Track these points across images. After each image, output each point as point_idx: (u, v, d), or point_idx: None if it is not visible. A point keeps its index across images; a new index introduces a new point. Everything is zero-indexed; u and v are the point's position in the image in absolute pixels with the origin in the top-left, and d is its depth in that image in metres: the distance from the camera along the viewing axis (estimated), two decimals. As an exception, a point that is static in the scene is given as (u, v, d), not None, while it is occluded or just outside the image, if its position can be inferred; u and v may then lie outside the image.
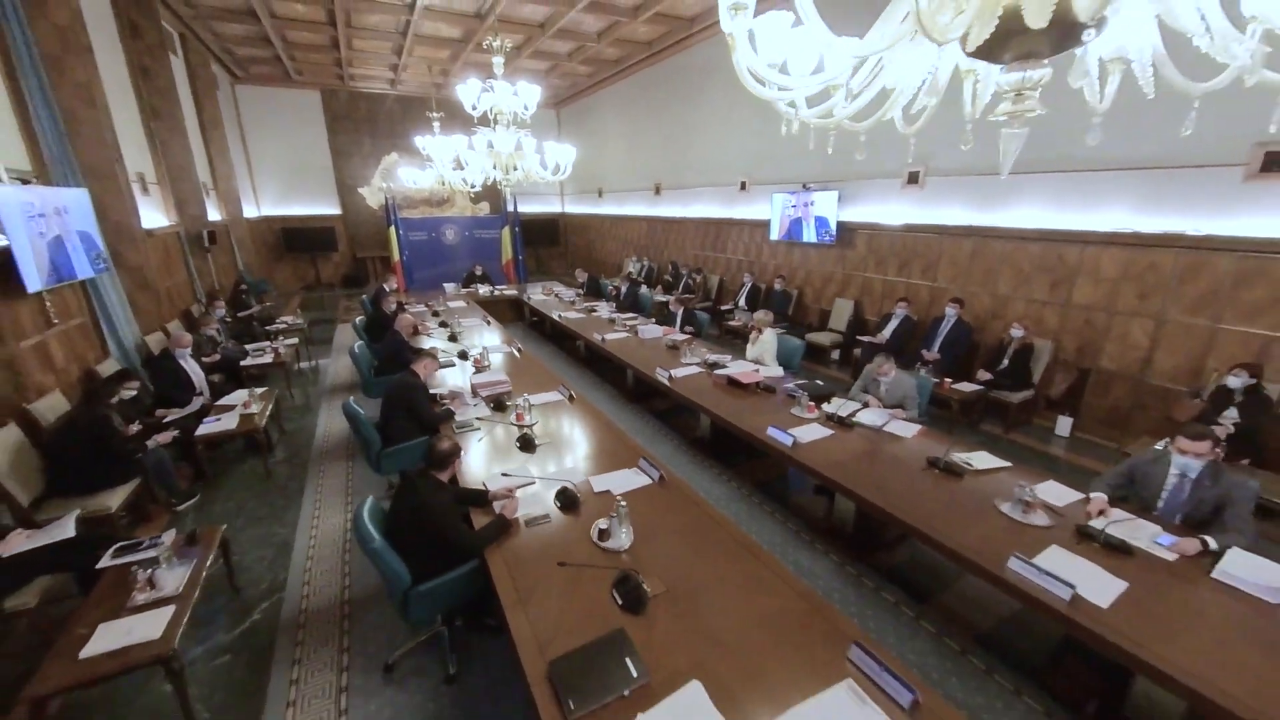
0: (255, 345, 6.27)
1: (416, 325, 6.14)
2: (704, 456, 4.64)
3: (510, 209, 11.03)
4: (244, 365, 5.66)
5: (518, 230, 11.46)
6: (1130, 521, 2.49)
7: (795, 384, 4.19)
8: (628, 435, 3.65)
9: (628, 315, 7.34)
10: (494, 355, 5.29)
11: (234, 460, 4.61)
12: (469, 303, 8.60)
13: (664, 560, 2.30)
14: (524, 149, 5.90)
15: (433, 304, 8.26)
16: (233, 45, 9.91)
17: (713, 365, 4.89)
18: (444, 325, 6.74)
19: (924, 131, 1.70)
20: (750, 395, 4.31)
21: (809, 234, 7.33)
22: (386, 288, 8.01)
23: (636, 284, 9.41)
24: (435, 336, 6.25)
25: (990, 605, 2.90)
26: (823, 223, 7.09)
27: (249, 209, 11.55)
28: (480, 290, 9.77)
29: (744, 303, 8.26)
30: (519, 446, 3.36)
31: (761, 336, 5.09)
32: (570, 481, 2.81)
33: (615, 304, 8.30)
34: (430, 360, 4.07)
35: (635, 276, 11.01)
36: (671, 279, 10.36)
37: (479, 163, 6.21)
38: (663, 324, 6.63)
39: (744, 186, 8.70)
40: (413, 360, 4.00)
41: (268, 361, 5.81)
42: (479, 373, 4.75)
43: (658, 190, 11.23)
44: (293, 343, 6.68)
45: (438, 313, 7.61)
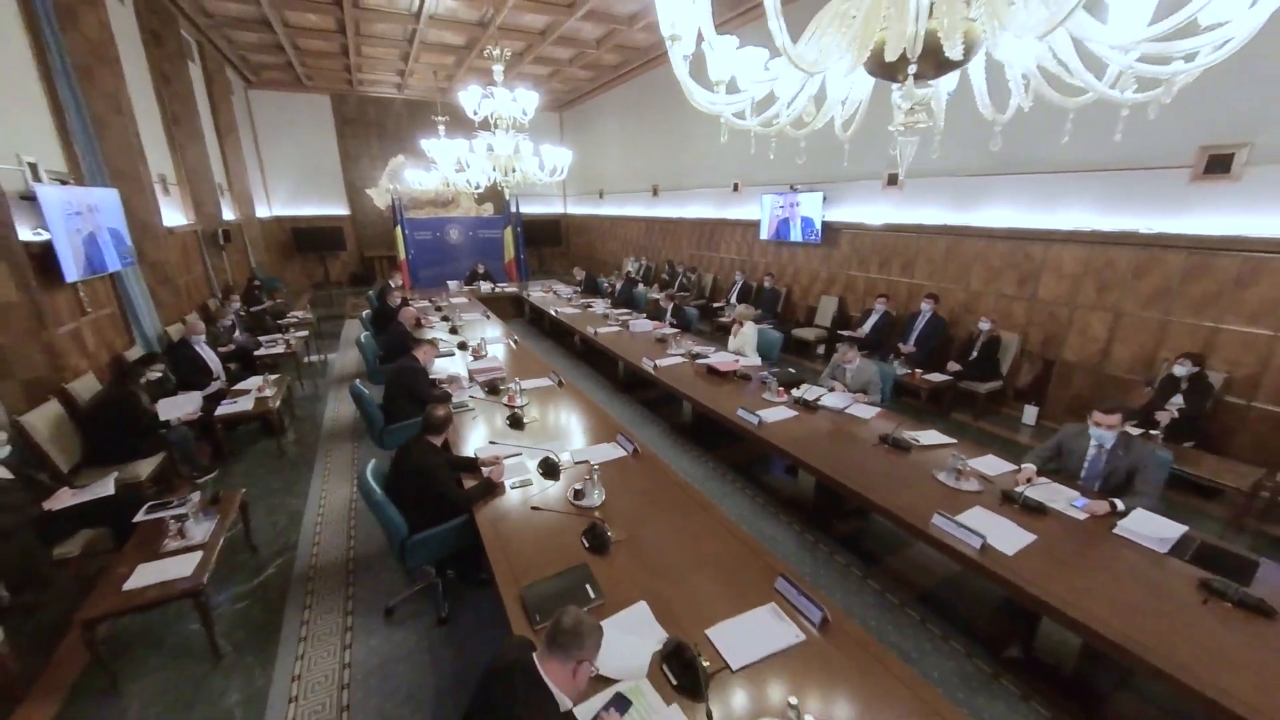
0: (268, 337, 6.64)
1: (419, 318, 6.49)
2: (686, 440, 4.95)
3: (512, 210, 11.41)
4: (258, 355, 6.02)
5: (519, 230, 11.83)
6: (1050, 487, 2.78)
7: (768, 372, 4.49)
8: (609, 415, 3.96)
9: (621, 311, 7.66)
10: (491, 346, 5.62)
11: (249, 441, 4.97)
12: (471, 299, 8.95)
13: (629, 515, 2.61)
14: (522, 152, 6.24)
15: (436, 300, 8.61)
16: (247, 52, 10.33)
17: (695, 356, 5.19)
18: (446, 319, 7.08)
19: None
20: (728, 382, 4.61)
21: (796, 234, 7.62)
22: (392, 284, 8.37)
23: (633, 282, 9.76)
24: (437, 329, 6.59)
25: (932, 568, 3.18)
26: (808, 223, 7.38)
27: (261, 209, 11.97)
28: (482, 287, 10.12)
29: (735, 300, 8.54)
30: (509, 424, 3.68)
31: (742, 329, 5.39)
32: (552, 452, 3.13)
33: (610, 301, 8.61)
34: (429, 347, 4.40)
35: (634, 275, 11.35)
36: (668, 277, 10.68)
37: (480, 165, 6.56)
38: (654, 320, 6.94)
39: (736, 188, 9.00)
40: (414, 348, 4.33)
41: (280, 352, 6.18)
42: (476, 360, 5.08)
43: (655, 192, 11.56)
44: (303, 335, 7.04)
45: (440, 308, 7.96)
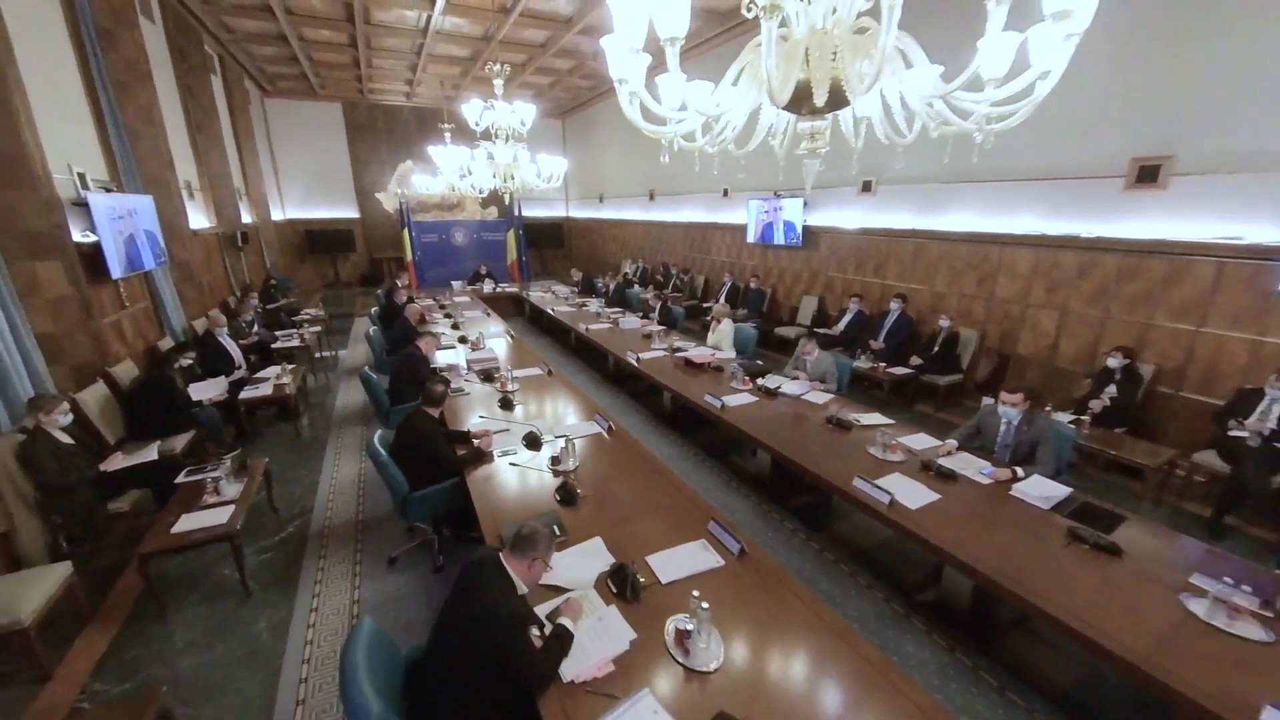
0: (283, 332, 7.14)
1: (423, 314, 6.96)
2: (665, 426, 5.39)
3: (515, 213, 11.92)
4: (274, 348, 6.51)
5: (521, 233, 12.34)
6: (966, 458, 3.20)
7: (737, 363, 4.92)
8: (591, 399, 4.41)
9: (614, 310, 8.11)
10: (489, 340, 6.09)
11: (268, 424, 5.46)
12: (473, 299, 9.44)
13: (597, 477, 3.05)
14: (520, 160, 6.72)
15: (440, 299, 9.11)
16: (264, 64, 10.90)
17: (675, 350, 5.63)
18: (448, 316, 7.57)
19: (874, 145, 2.27)
20: (703, 373, 5.04)
21: (779, 237, 8.04)
22: (399, 284, 8.88)
23: (630, 283, 10.23)
24: (440, 325, 7.06)
25: (871, 533, 3.59)
26: (790, 227, 7.81)
27: (275, 212, 12.55)
28: (484, 288, 10.61)
29: (724, 300, 8.97)
30: (500, 405, 4.14)
31: (720, 326, 5.83)
32: (536, 428, 3.57)
33: (604, 300, 9.07)
34: (431, 339, 4.86)
35: (631, 276, 11.82)
36: (663, 278, 11.12)
37: (482, 171, 7.04)
38: (644, 318, 7.38)
39: (726, 193, 9.43)
40: (417, 339, 4.80)
41: (295, 345, 6.68)
42: (474, 352, 5.55)
43: (652, 196, 12.02)
44: (316, 331, 7.54)
45: (444, 306, 8.45)
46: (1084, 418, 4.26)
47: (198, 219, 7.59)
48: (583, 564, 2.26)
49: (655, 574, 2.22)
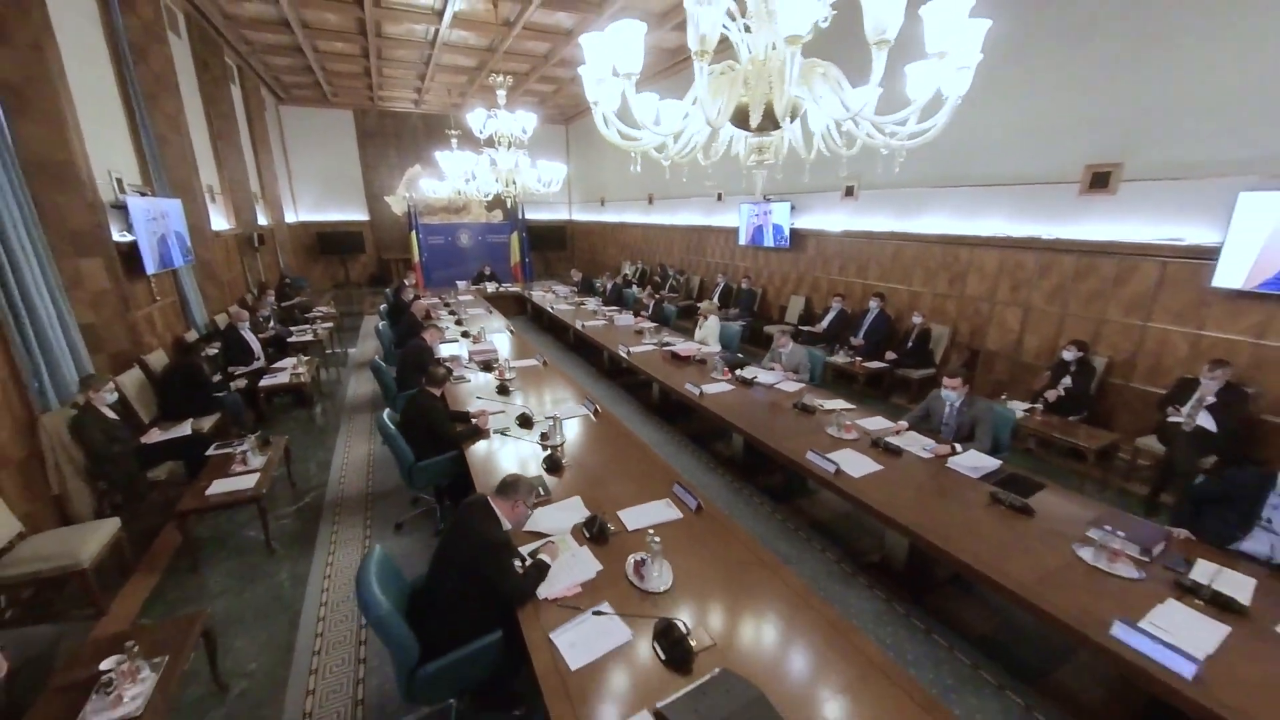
0: (298, 327, 7.58)
1: (429, 310, 7.37)
2: (654, 415, 5.76)
3: (519, 216, 12.36)
4: (290, 341, 6.94)
5: (524, 235, 12.78)
6: (914, 436, 3.54)
7: (719, 356, 5.28)
8: (580, 384, 4.79)
9: (611, 308, 8.50)
10: (490, 335, 6.48)
11: (285, 411, 5.88)
12: (477, 298, 9.85)
13: (580, 451, 3.43)
14: (521, 166, 7.12)
15: (446, 298, 9.53)
16: (280, 73, 11.40)
17: (664, 344, 6.00)
18: (453, 313, 7.98)
19: (859, 149, 2.52)
20: (687, 365, 5.41)
21: (769, 239, 8.40)
22: (406, 282, 9.30)
23: (629, 283, 10.62)
24: (445, 322, 7.47)
25: (831, 508, 3.94)
26: (779, 230, 8.16)
27: (289, 215, 13.06)
28: (488, 288, 11.03)
29: (717, 300, 9.33)
30: (497, 391, 4.52)
31: (706, 322, 6.20)
32: (529, 409, 3.95)
33: (602, 299, 9.46)
34: (435, 331, 5.26)
35: (630, 277, 12.22)
36: (660, 279, 11.50)
37: (486, 176, 7.45)
38: (638, 315, 7.76)
39: (720, 198, 9.81)
40: (422, 331, 5.20)
41: (309, 340, 7.10)
42: (475, 345, 5.94)
43: (650, 200, 12.41)
44: (328, 326, 7.98)
45: (449, 304, 8.87)
46: (1036, 406, 4.59)
47: (218, 221, 8.05)
48: (562, 516, 2.63)
49: (623, 523, 2.59)
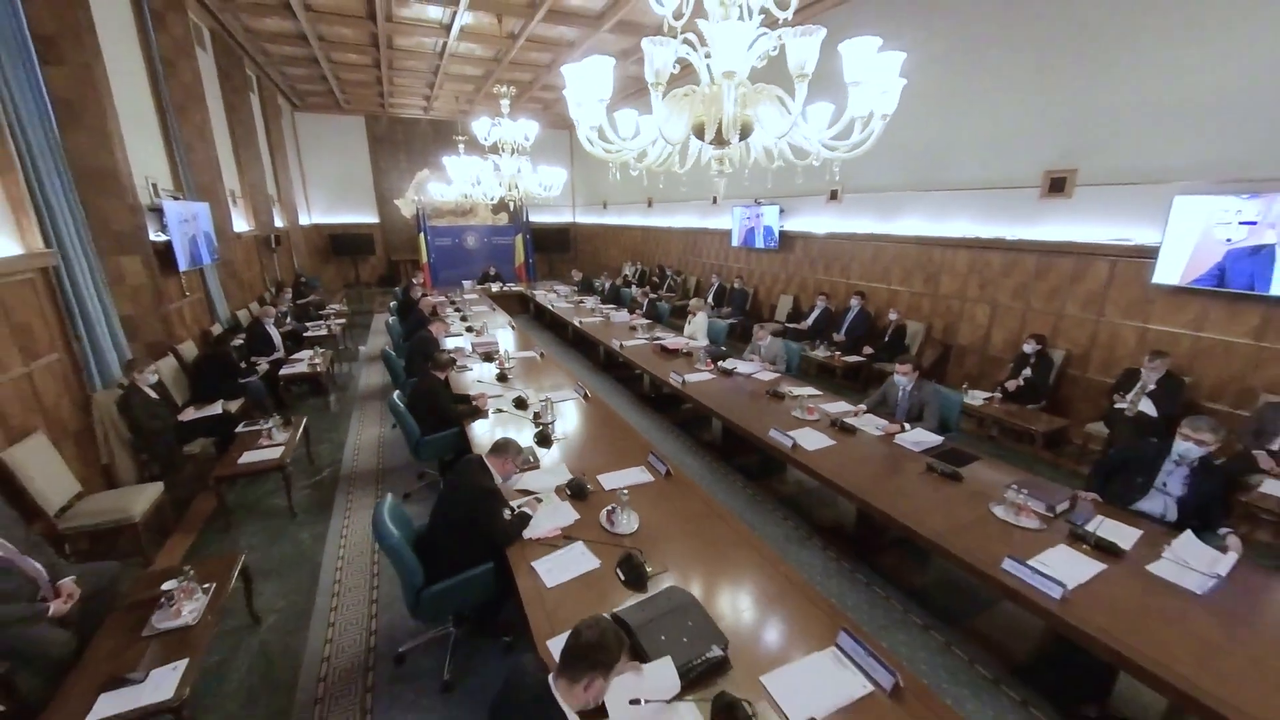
0: (312, 323, 8.04)
1: (435, 307, 7.82)
2: (646, 405, 6.15)
3: (523, 219, 12.83)
4: (306, 335, 7.40)
5: (528, 237, 13.24)
6: (872, 419, 3.91)
7: (704, 349, 5.67)
8: (573, 373, 5.19)
9: (609, 306, 8.91)
10: (493, 330, 6.91)
11: (302, 399, 6.32)
12: (481, 296, 10.30)
13: (570, 428, 3.84)
14: (523, 172, 7.55)
15: (452, 296, 9.99)
16: (296, 82, 11.94)
17: (655, 339, 6.40)
18: (458, 310, 8.42)
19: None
20: (675, 358, 5.80)
21: (760, 241, 8.79)
22: (415, 281, 9.77)
23: (628, 283, 11.04)
24: (451, 318, 7.91)
25: (799, 484, 4.31)
26: (769, 232, 8.55)
27: (303, 217, 13.59)
28: (492, 287, 11.48)
29: (711, 299, 9.73)
30: (496, 379, 4.94)
31: (695, 318, 6.59)
32: (524, 394, 4.36)
33: (600, 298, 9.88)
34: (440, 324, 5.69)
35: (630, 278, 12.64)
36: (658, 280, 11.91)
37: (490, 181, 7.89)
38: (633, 313, 8.16)
39: (715, 201, 10.20)
40: (429, 324, 5.63)
41: (323, 334, 7.56)
42: (478, 338, 6.37)
43: (650, 203, 12.83)
44: (341, 323, 8.44)
45: (454, 302, 9.32)
46: (995, 395, 4.94)
47: (239, 223, 8.54)
48: (548, 479, 3.04)
49: (601, 485, 2.98)
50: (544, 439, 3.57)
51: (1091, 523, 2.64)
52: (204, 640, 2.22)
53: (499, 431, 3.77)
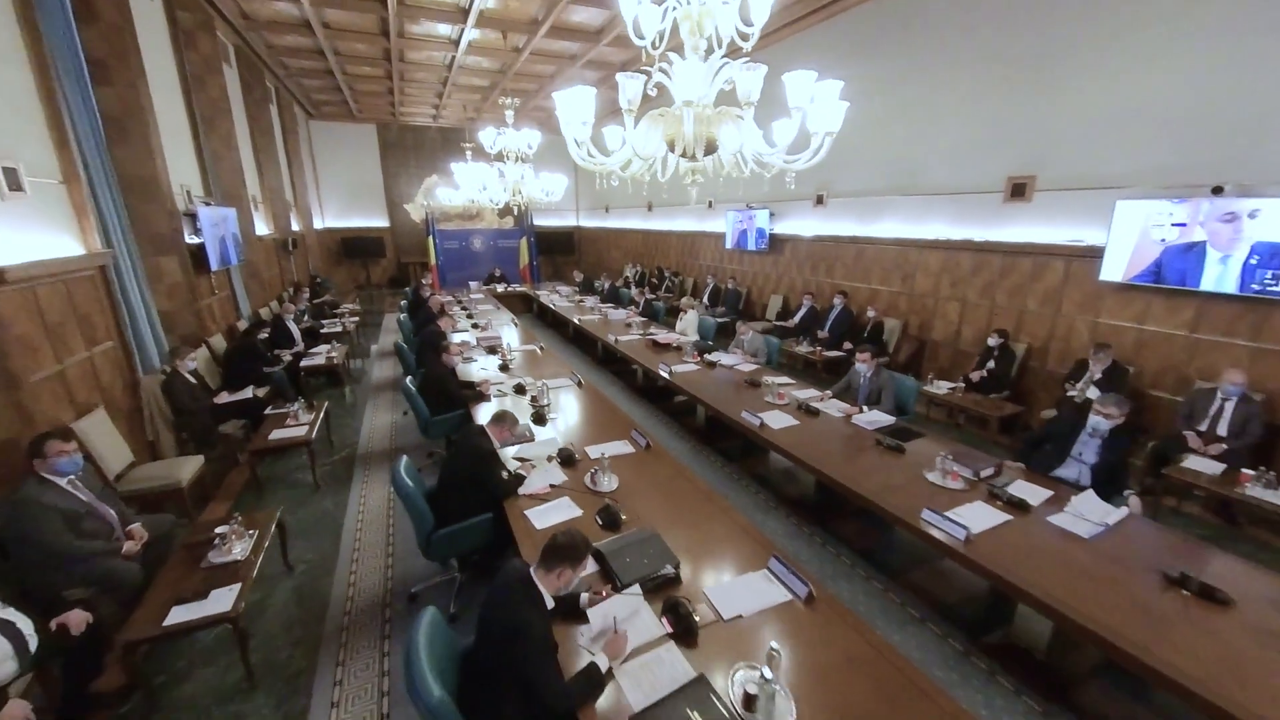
0: (328, 320, 8.55)
1: (443, 305, 8.30)
2: (639, 396, 6.59)
3: (527, 223, 13.34)
4: (322, 332, 7.90)
5: (533, 240, 13.75)
6: (835, 403, 4.33)
7: (691, 343, 6.10)
8: (568, 364, 5.64)
9: (607, 305, 9.36)
10: (497, 326, 7.38)
11: (320, 390, 6.81)
12: (487, 296, 10.79)
13: (563, 409, 4.28)
14: (526, 178, 8.02)
15: (458, 296, 10.48)
16: (311, 92, 12.52)
17: (647, 334, 6.84)
18: (464, 309, 8.90)
19: (828, 163, 3.29)
20: (665, 352, 6.24)
21: (751, 243, 9.21)
22: (424, 281, 10.28)
23: (628, 284, 11.49)
24: (457, 315, 8.39)
25: (775, 467, 4.72)
26: (761, 234, 8.97)
27: (317, 221, 14.16)
28: (498, 288, 11.97)
29: (706, 299, 10.17)
30: (499, 369, 5.40)
31: (686, 315, 7.03)
32: (524, 381, 4.81)
33: (600, 297, 10.34)
34: (448, 319, 6.16)
35: (631, 279, 13.10)
36: (657, 281, 12.36)
37: (495, 187, 8.37)
38: (632, 311, 8.61)
39: (710, 205, 10.65)
40: (437, 319, 6.10)
41: (339, 331, 8.07)
42: (483, 333, 6.84)
43: (650, 207, 13.29)
44: (354, 320, 8.95)
45: (460, 301, 9.81)
46: (959, 385, 5.34)
47: (260, 226, 9.08)
48: (541, 449, 3.48)
49: (588, 455, 3.42)
50: (539, 418, 4.02)
51: (1011, 485, 3.05)
52: (251, 572, 2.67)
53: (500, 412, 4.22)
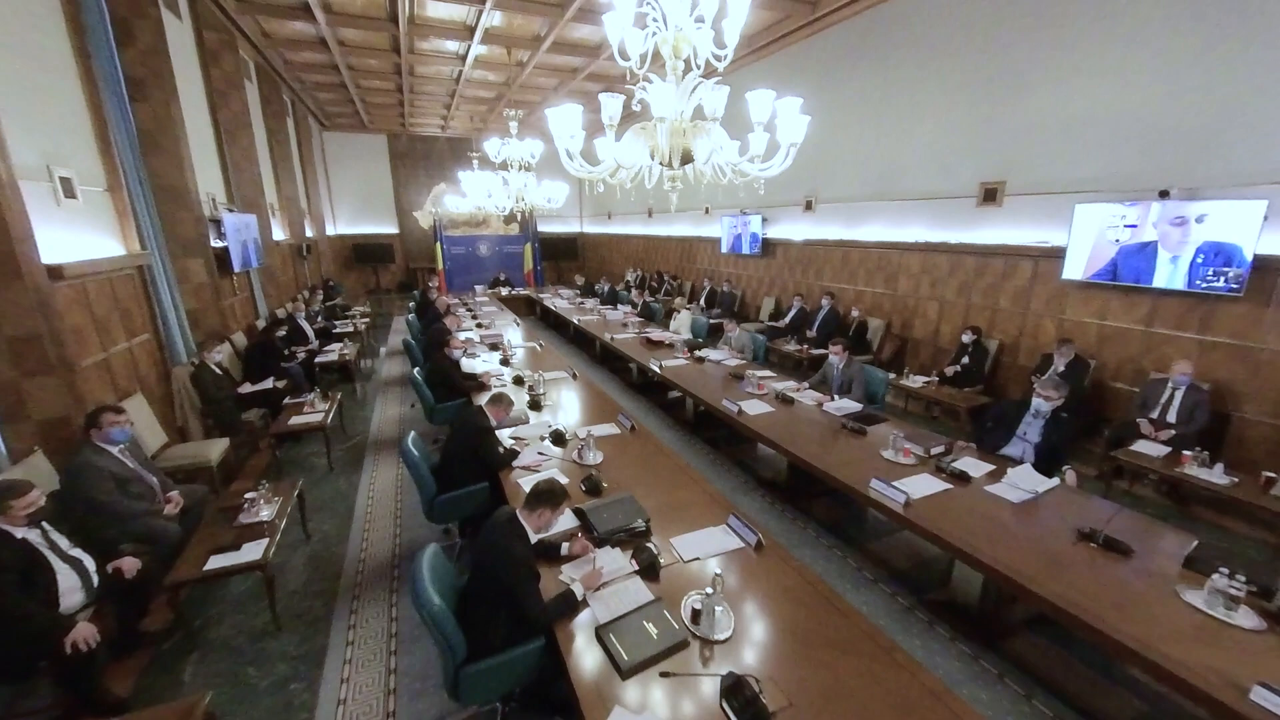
0: (340, 321, 8.98)
1: (449, 306, 8.72)
2: (636, 392, 6.94)
3: (532, 230, 13.78)
4: (335, 332, 8.33)
5: (537, 246, 14.18)
6: (811, 394, 4.65)
7: (682, 340, 6.45)
8: (566, 360, 6.00)
9: (606, 307, 9.74)
10: (499, 325, 7.76)
11: (333, 385, 7.21)
12: (492, 299, 11.21)
13: (557, 398, 4.64)
14: (529, 186, 8.43)
15: (464, 299, 10.90)
16: (325, 104, 13.07)
17: (642, 332, 7.20)
18: (469, 310, 9.31)
19: (816, 171, 3.67)
20: (659, 348, 6.60)
21: (745, 247, 9.57)
22: (432, 284, 10.71)
23: (628, 287, 11.86)
24: (462, 316, 8.79)
25: (754, 453, 5.05)
26: (755, 238, 9.33)
27: (329, 228, 14.68)
28: (502, 291, 12.39)
29: (703, 301, 10.52)
30: (500, 363, 5.77)
31: (679, 315, 7.39)
32: (523, 374, 5.18)
33: (600, 300, 10.72)
34: (453, 318, 6.55)
35: (632, 283, 13.48)
36: (657, 284, 12.73)
37: (500, 194, 8.79)
38: (630, 312, 8.98)
39: (707, 211, 11.02)
40: (444, 318, 6.50)
41: (350, 330, 8.49)
42: (486, 331, 7.22)
43: (650, 214, 13.69)
44: (365, 321, 9.38)
45: (466, 303, 10.22)
46: (933, 379, 5.65)
47: (277, 232, 9.55)
48: (537, 430, 3.83)
49: (577, 435, 3.77)
50: (535, 404, 4.38)
51: (959, 461, 3.36)
52: (277, 531, 3.04)
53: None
